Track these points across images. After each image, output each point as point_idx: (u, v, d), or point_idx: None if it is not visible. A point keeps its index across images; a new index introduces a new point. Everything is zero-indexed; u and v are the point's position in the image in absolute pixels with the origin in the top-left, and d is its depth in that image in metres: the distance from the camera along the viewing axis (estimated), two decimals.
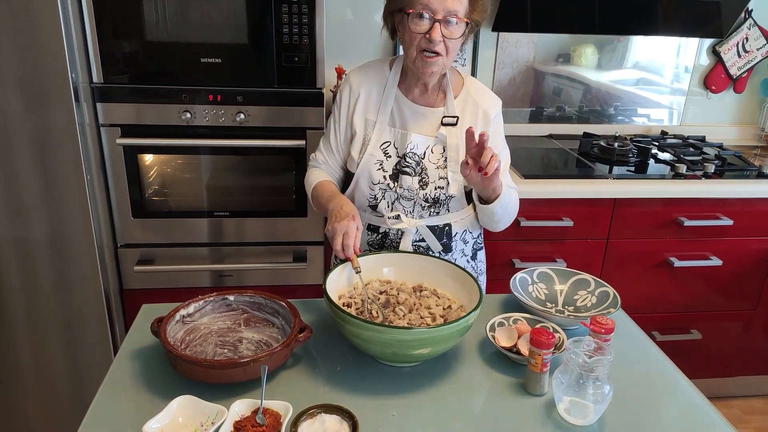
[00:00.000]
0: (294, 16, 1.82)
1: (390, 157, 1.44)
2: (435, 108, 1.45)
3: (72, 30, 1.71)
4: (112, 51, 1.80)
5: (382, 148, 1.44)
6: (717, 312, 2.38)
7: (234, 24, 1.81)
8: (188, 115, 1.88)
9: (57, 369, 2.02)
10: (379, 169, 1.44)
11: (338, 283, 1.31)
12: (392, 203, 1.46)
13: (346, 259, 1.31)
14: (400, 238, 1.48)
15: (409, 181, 1.44)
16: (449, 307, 1.30)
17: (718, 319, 2.39)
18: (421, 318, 1.25)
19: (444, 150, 1.44)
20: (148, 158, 1.97)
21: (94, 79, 1.82)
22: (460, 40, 1.34)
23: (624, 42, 2.62)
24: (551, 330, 1.26)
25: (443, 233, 1.50)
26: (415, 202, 1.45)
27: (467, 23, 1.32)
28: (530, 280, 1.48)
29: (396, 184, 1.45)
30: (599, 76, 2.66)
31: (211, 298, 1.29)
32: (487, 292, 1.43)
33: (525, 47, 2.54)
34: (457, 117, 1.44)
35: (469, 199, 1.51)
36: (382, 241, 1.50)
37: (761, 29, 2.62)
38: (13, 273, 1.88)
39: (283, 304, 1.27)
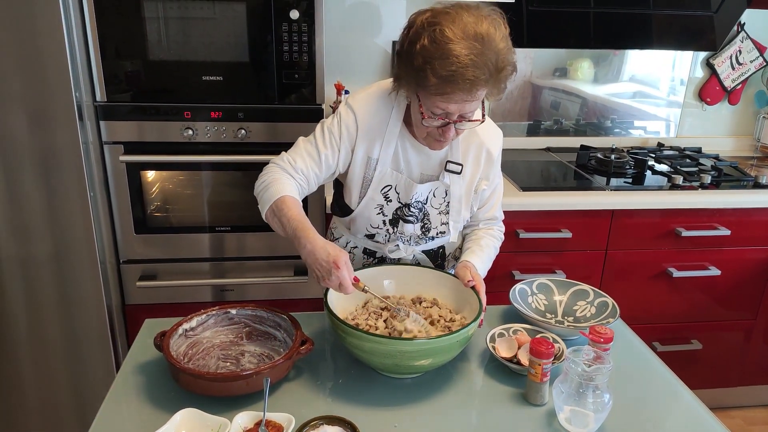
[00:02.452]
0: (294, 34, 1.85)
1: (390, 201, 1.40)
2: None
3: (76, 50, 1.74)
4: (115, 70, 1.83)
5: (383, 192, 1.39)
6: (717, 322, 2.38)
7: (235, 42, 1.85)
8: (190, 131, 1.91)
9: (60, 384, 2.02)
10: (378, 213, 1.41)
11: (339, 297, 1.32)
12: (390, 235, 1.45)
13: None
14: (397, 262, 1.49)
15: (411, 229, 1.42)
16: (452, 320, 1.31)
17: (718, 329, 2.39)
18: (437, 321, 1.27)
19: (446, 194, 1.41)
20: (150, 175, 1.99)
21: (98, 98, 1.84)
22: None
23: (620, 56, 2.65)
24: (551, 340, 1.27)
25: (437, 255, 1.52)
26: (412, 235, 1.45)
27: (483, 113, 1.27)
28: (530, 291, 1.50)
29: (395, 229, 1.42)
30: (596, 90, 2.69)
31: (214, 312, 1.30)
32: (486, 304, 1.44)
33: (522, 62, 2.58)
34: (462, 165, 1.39)
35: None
36: (378, 265, 1.50)
37: (754, 42, 2.66)
38: (16, 289, 1.90)
39: (285, 317, 1.28)
